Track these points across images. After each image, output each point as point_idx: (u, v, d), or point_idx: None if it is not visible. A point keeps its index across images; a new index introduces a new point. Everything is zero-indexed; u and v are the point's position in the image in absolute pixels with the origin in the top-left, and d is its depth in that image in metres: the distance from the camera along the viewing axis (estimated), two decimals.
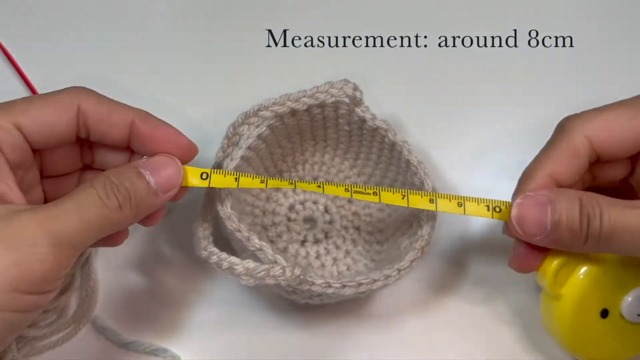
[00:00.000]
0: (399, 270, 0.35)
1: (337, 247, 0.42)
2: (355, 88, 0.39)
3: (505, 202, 0.35)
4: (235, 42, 0.51)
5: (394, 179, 0.42)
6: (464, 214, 0.35)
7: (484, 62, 0.50)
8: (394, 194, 0.36)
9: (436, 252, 0.42)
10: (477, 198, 0.36)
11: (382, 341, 0.40)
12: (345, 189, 0.36)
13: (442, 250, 0.42)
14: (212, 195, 0.37)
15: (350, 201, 0.44)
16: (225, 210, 0.35)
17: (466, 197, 0.36)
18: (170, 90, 0.49)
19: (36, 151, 0.33)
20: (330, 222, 0.43)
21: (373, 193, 0.36)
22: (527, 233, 0.33)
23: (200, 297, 0.41)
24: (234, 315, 0.40)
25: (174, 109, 0.47)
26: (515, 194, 0.35)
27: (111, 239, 0.33)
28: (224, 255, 0.32)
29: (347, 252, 0.42)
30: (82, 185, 0.30)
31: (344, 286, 0.34)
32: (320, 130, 0.42)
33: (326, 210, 0.44)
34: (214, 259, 0.32)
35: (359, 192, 0.35)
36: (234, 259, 0.32)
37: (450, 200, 0.36)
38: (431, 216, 0.37)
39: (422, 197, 0.36)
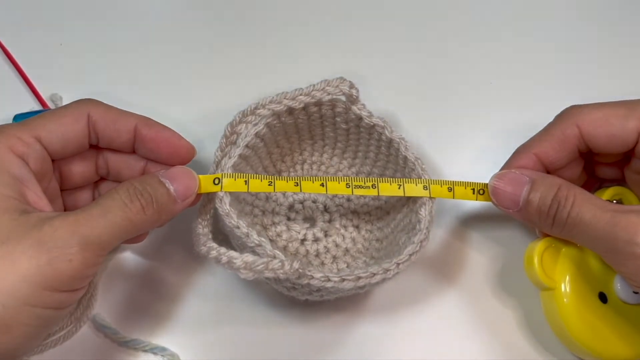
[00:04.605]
0: (398, 264, 0.35)
1: (337, 245, 0.43)
2: (352, 86, 0.39)
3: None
4: (232, 41, 0.51)
5: (392, 176, 0.42)
6: (454, 198, 0.38)
7: (481, 60, 0.51)
8: (390, 184, 0.38)
9: (435, 247, 0.42)
10: (465, 182, 0.38)
11: (382, 336, 0.40)
12: (347, 184, 0.38)
13: (441, 245, 0.43)
14: (211, 193, 0.38)
15: (349, 199, 0.44)
16: (224, 207, 0.35)
17: (455, 181, 0.38)
18: (168, 89, 0.49)
19: (55, 163, 0.36)
20: (330, 220, 0.43)
21: (372, 186, 0.38)
22: (500, 204, 0.37)
23: (200, 294, 0.41)
24: (234, 312, 0.40)
25: (172, 108, 0.48)
26: (502, 168, 0.38)
27: (132, 239, 0.36)
28: (222, 249, 0.32)
29: (347, 250, 0.43)
30: (107, 192, 0.33)
31: (343, 280, 0.34)
32: (318, 128, 0.43)
33: (325, 209, 0.44)
34: (213, 253, 0.33)
35: (360, 187, 0.38)
36: (232, 252, 0.32)
37: (441, 186, 0.38)
38: (429, 211, 0.37)
39: (416, 184, 0.38)
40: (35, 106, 0.47)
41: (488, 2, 0.54)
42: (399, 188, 0.38)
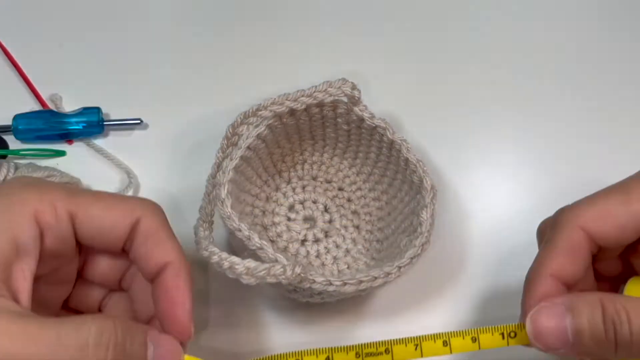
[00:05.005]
0: (399, 268, 0.35)
1: (337, 246, 0.43)
2: (354, 87, 0.39)
3: (520, 324, 0.32)
4: (234, 42, 0.51)
5: (393, 177, 0.42)
6: (480, 349, 0.33)
7: (483, 62, 0.51)
8: (406, 345, 0.33)
9: (436, 250, 0.42)
10: (491, 327, 0.33)
11: (383, 338, 0.40)
12: (356, 353, 0.33)
13: (442, 248, 0.43)
14: (212, 195, 0.38)
15: (349, 200, 0.44)
16: (226, 210, 0.35)
17: (479, 328, 0.33)
18: (169, 90, 0.49)
19: (83, 247, 0.32)
20: (330, 221, 0.43)
21: (385, 350, 0.33)
22: (548, 347, 0.31)
23: (201, 296, 0.41)
24: (235, 314, 0.40)
25: (173, 109, 0.48)
26: (525, 304, 0.32)
27: None
28: (224, 254, 0.32)
29: (347, 251, 0.42)
30: (84, 316, 0.27)
31: (344, 284, 0.34)
32: (319, 129, 0.43)
33: (326, 209, 0.44)
34: (215, 258, 0.32)
35: (371, 354, 0.33)
36: (234, 258, 0.32)
37: (463, 338, 0.33)
38: (431, 213, 0.37)
39: (434, 341, 0.33)
40: (35, 106, 0.47)
41: (489, 3, 0.53)
42: (416, 349, 0.33)
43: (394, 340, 0.33)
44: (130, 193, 0.44)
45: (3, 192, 0.29)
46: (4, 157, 0.45)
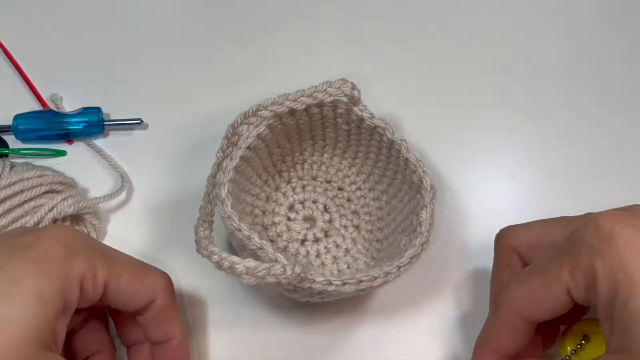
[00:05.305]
0: (399, 267, 0.35)
1: (337, 246, 0.43)
2: (353, 87, 0.39)
3: None
4: (234, 42, 0.51)
5: (393, 177, 0.42)
6: None
7: (482, 62, 0.51)
8: None
9: (436, 249, 0.42)
10: None
11: (383, 338, 0.40)
12: None
13: (442, 247, 0.43)
14: (212, 195, 0.38)
15: (349, 200, 0.44)
16: (226, 209, 0.35)
17: None
18: (169, 90, 0.49)
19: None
20: (330, 221, 0.43)
21: None
22: None
23: (201, 296, 0.41)
24: (234, 313, 0.40)
25: (173, 109, 0.48)
26: None
27: None
28: (224, 254, 0.32)
29: (347, 251, 0.43)
30: None
31: (344, 283, 0.34)
32: (319, 129, 0.43)
33: (325, 209, 0.44)
34: (215, 258, 0.32)
35: None
36: (234, 258, 0.32)
37: None
38: (430, 213, 0.37)
39: None
40: (35, 106, 0.47)
41: (489, 3, 0.53)
42: None
43: None
44: (123, 195, 0.44)
45: (57, 255, 0.30)
46: (4, 156, 0.45)
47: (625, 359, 0.28)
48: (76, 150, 0.46)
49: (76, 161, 0.46)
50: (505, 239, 0.37)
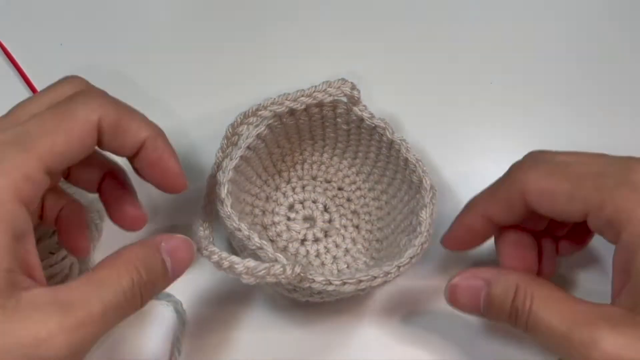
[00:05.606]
0: (399, 267, 0.35)
1: (337, 246, 0.43)
2: (353, 87, 0.39)
3: None
4: (233, 42, 0.51)
5: (393, 177, 0.42)
6: None
7: (482, 61, 0.51)
8: None
9: (436, 249, 0.42)
10: None
11: (383, 337, 0.40)
12: None
13: (442, 247, 0.42)
14: (212, 195, 0.38)
15: (349, 200, 0.44)
16: (226, 209, 0.35)
17: None
18: (169, 90, 0.49)
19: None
20: (330, 221, 0.43)
21: None
22: (461, 310, 0.34)
23: (200, 296, 0.41)
24: (234, 313, 0.40)
25: (173, 109, 0.48)
26: (450, 228, 0.38)
27: None
28: (224, 254, 0.32)
29: (347, 251, 0.43)
30: (107, 273, 0.28)
31: (344, 283, 0.34)
32: (319, 129, 0.43)
33: (325, 209, 0.44)
34: (215, 258, 0.33)
35: None
36: (234, 258, 0.32)
37: None
38: (430, 213, 0.37)
39: None
40: None
41: (489, 3, 0.53)
42: None
43: None
44: None
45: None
46: None
47: (636, 319, 0.28)
48: None
49: None
50: (515, 177, 0.35)
